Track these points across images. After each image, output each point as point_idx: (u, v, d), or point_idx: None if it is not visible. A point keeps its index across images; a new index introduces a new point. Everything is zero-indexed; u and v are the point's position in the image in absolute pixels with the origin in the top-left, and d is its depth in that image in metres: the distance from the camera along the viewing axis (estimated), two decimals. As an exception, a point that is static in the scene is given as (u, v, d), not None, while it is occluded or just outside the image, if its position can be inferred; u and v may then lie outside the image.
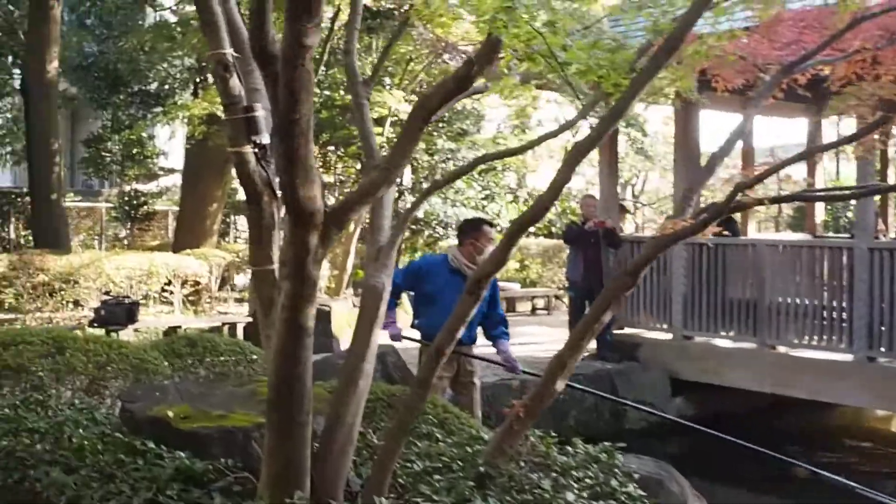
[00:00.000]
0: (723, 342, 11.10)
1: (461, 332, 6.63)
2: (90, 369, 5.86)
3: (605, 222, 11.13)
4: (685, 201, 4.73)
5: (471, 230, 6.71)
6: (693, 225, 4.20)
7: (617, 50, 3.57)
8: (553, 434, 4.65)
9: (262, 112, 3.74)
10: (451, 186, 16.06)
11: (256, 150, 3.71)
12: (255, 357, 7.37)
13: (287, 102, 2.91)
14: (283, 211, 3.84)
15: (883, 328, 9.59)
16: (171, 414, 4.69)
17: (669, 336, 11.47)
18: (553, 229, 19.75)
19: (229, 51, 3.68)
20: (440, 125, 15.36)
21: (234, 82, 3.68)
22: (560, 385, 4.27)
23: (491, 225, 6.89)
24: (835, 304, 10.27)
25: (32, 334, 6.15)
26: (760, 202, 4.01)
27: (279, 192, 3.81)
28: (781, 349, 10.54)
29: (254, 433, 4.54)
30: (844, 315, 10.10)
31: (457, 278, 6.46)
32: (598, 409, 10.27)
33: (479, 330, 6.90)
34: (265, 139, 3.73)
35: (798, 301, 10.43)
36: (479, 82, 3.91)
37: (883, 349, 9.64)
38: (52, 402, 5.07)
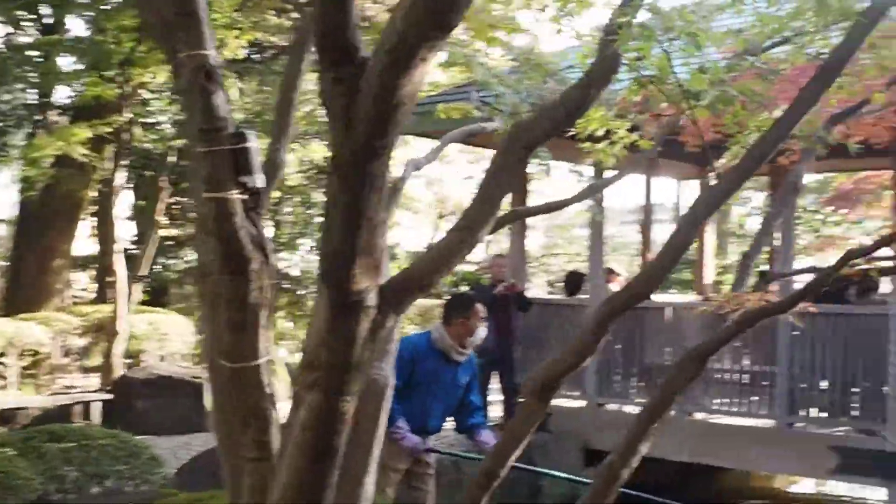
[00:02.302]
0: (636, 409, 10.41)
1: (434, 422, 5.72)
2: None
3: (515, 285, 10.13)
4: (744, 271, 3.96)
5: (461, 308, 5.73)
6: (788, 299, 3.43)
7: (765, 77, 2.64)
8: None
9: (255, 143, 2.60)
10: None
11: (247, 196, 2.56)
12: (136, 450, 6.11)
13: (373, 122, 1.81)
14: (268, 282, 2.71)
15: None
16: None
17: (583, 403, 10.67)
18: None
19: (212, 52, 2.52)
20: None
21: (221, 98, 2.51)
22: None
23: (484, 303, 5.94)
24: (756, 368, 9.98)
25: None
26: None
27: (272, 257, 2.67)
28: (699, 416, 10.08)
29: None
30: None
31: (441, 362, 5.68)
32: (516, 484, 9.34)
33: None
34: (259, 182, 2.59)
35: (717, 366, 9.92)
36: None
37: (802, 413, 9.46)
38: None
